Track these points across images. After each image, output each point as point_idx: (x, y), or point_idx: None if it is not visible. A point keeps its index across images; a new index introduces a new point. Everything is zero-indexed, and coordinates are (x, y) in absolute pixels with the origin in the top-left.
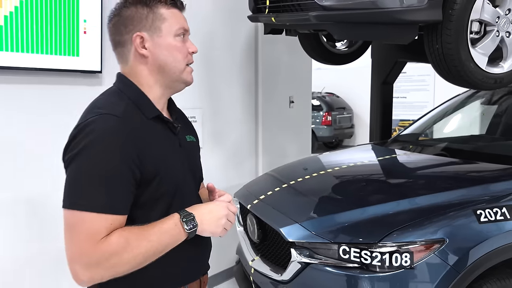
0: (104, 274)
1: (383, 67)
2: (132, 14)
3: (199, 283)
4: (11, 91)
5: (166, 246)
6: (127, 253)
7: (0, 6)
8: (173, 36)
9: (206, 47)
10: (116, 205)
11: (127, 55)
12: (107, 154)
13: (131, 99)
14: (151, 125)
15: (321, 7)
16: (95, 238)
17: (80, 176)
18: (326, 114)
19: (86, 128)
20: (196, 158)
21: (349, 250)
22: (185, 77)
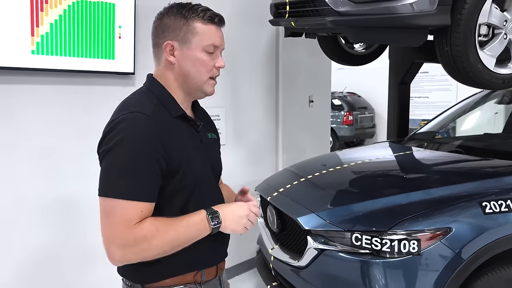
0: (135, 256)
1: (400, 67)
2: (170, 23)
3: (216, 269)
4: (56, 91)
5: (191, 238)
6: (156, 240)
7: (46, 15)
8: (200, 50)
9: (230, 50)
10: (146, 193)
11: (160, 58)
12: (137, 149)
13: (159, 99)
14: (176, 123)
15: (337, 13)
16: (129, 223)
17: (114, 167)
18: (347, 113)
19: (119, 125)
20: (216, 153)
21: (361, 237)
22: (205, 88)
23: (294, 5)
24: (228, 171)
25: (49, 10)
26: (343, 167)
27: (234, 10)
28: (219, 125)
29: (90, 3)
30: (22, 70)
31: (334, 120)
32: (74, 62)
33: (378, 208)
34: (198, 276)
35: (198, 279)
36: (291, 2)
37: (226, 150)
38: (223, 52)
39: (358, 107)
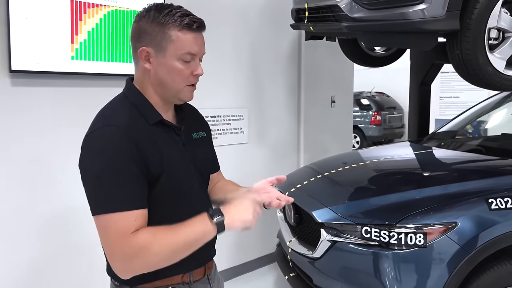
0: (139, 266)
1: (421, 69)
2: (147, 27)
3: (204, 269)
4: (91, 93)
5: (194, 240)
6: (154, 246)
7: (85, 24)
8: (176, 59)
9: (253, 52)
10: (134, 201)
11: (137, 62)
12: (114, 160)
13: (136, 106)
14: (153, 130)
15: (351, 19)
16: (124, 234)
17: (95, 184)
18: (376, 113)
19: (93, 141)
20: (204, 152)
21: (370, 230)
22: (182, 96)
23: (313, 11)
24: (250, 168)
25: (87, 19)
26: (360, 164)
27: (258, 15)
28: (242, 125)
29: (123, 12)
30: (63, 74)
31: (362, 120)
32: (109, 67)
33: (388, 203)
34: (186, 277)
35: (186, 279)
36: (310, 8)
37: (248, 148)
38: (246, 53)
39: (386, 107)
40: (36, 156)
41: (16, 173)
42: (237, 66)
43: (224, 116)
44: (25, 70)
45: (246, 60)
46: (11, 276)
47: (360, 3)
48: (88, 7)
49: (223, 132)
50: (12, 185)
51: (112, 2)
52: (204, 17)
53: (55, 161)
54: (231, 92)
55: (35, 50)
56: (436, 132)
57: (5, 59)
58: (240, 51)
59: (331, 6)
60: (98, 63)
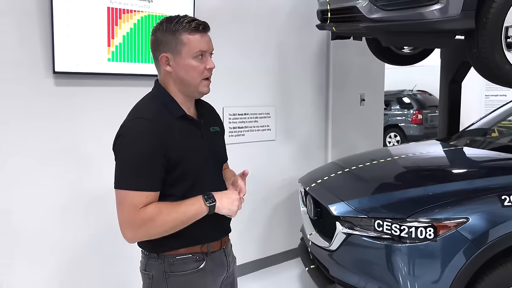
0: (143, 234)
1: (451, 66)
2: (162, 37)
3: (220, 243)
4: (127, 93)
5: (190, 217)
6: (159, 219)
7: (120, 28)
8: (190, 58)
9: (281, 52)
10: (150, 184)
11: (159, 67)
12: (141, 148)
13: (162, 103)
14: (178, 123)
15: (370, 19)
16: (135, 208)
17: (123, 165)
18: (417, 112)
19: (126, 130)
20: (219, 143)
21: (382, 223)
22: (201, 89)
23: (334, 12)
24: (276, 164)
25: (122, 24)
26: (381, 161)
27: (287, 15)
28: (269, 123)
29: (155, 16)
30: (100, 75)
31: (403, 119)
32: (142, 68)
33: (402, 198)
34: (204, 248)
35: (204, 250)
36: (332, 9)
37: (275, 145)
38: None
39: (428, 105)
40: (77, 147)
41: (60, 161)
42: (264, 66)
43: (252, 114)
44: (67, 71)
45: (274, 59)
46: (64, 246)
47: (377, 4)
48: (123, 12)
49: (250, 130)
50: (56, 172)
51: (145, 7)
52: (234, 19)
53: (94, 151)
54: (259, 91)
55: (75, 53)
56: (465, 130)
57: (49, 62)
58: (268, 51)
59: (351, 8)
60: (132, 64)
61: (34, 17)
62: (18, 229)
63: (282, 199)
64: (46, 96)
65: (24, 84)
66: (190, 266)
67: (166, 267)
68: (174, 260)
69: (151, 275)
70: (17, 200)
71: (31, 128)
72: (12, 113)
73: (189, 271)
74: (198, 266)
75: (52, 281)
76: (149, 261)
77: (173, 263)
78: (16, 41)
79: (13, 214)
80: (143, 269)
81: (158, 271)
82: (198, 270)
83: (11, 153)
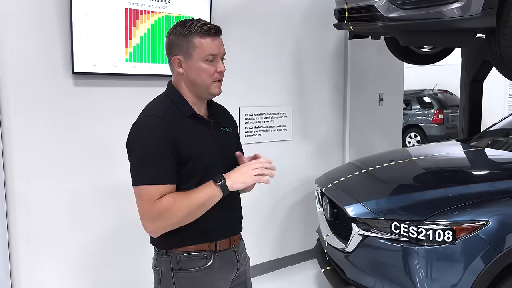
0: (163, 224)
1: (472, 65)
2: (175, 40)
3: (229, 241)
4: (144, 93)
5: (205, 201)
6: (174, 208)
7: (138, 29)
8: (201, 60)
9: (298, 51)
10: (163, 177)
11: (172, 69)
12: (153, 143)
13: (173, 102)
14: (187, 121)
15: (387, 18)
16: (151, 201)
17: (137, 161)
18: (437, 112)
19: (138, 128)
20: (229, 144)
21: (399, 226)
22: (211, 91)
23: (352, 11)
24: (294, 165)
25: (140, 25)
26: (400, 162)
27: (303, 14)
28: (286, 123)
29: (172, 17)
30: (117, 75)
31: (424, 119)
32: (159, 68)
33: (419, 200)
34: (212, 245)
35: (213, 247)
36: (349, 8)
37: (292, 145)
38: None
39: (449, 105)
40: (95, 146)
41: (79, 160)
42: (281, 65)
43: (268, 114)
44: (85, 72)
45: (290, 59)
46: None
47: (395, 3)
48: (141, 13)
49: (267, 129)
50: (74, 170)
51: (162, 8)
52: (250, 18)
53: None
54: (275, 91)
55: (93, 54)
56: (487, 131)
57: (68, 62)
58: (285, 50)
59: (368, 7)
60: (149, 64)
61: (54, 19)
62: (36, 225)
63: (298, 199)
64: (65, 96)
65: (43, 84)
66: (198, 263)
67: (174, 263)
68: (181, 257)
69: (160, 271)
70: (35, 197)
71: (50, 127)
72: (32, 113)
73: (196, 269)
74: (206, 263)
75: (69, 276)
76: (159, 257)
77: (180, 260)
78: (37, 42)
79: (31, 211)
80: (154, 265)
81: (167, 267)
82: (205, 268)
83: (30, 152)
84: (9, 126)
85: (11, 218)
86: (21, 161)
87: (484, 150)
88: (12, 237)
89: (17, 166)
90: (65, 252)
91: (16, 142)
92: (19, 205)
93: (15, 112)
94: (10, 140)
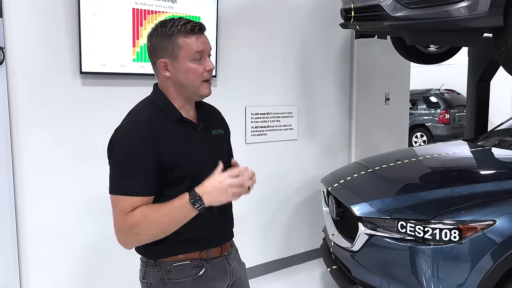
0: (132, 239)
1: (479, 65)
2: (158, 43)
3: (220, 249)
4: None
5: (179, 220)
6: (144, 224)
7: (145, 29)
8: (188, 60)
9: (303, 50)
10: (138, 190)
11: (157, 73)
12: (131, 153)
13: (159, 106)
14: (174, 126)
15: (394, 18)
16: (123, 213)
17: (113, 169)
18: (444, 112)
19: (119, 134)
20: (220, 147)
21: (405, 225)
22: (201, 92)
23: (358, 11)
24: (300, 164)
25: (147, 25)
26: (406, 161)
27: (309, 14)
28: (292, 122)
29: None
30: (125, 75)
31: (430, 119)
32: None
33: (426, 199)
34: (203, 254)
35: (204, 256)
36: (356, 8)
37: (298, 144)
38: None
39: (456, 105)
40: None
41: (86, 160)
42: (287, 65)
43: (274, 113)
44: (93, 71)
45: (297, 58)
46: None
47: (402, 2)
48: (148, 14)
49: (273, 129)
50: (81, 170)
51: (169, 8)
52: (257, 18)
53: None
54: (281, 90)
55: (101, 53)
56: (493, 131)
57: (76, 62)
58: (291, 50)
59: (374, 6)
60: None
61: (62, 19)
62: (45, 225)
63: (304, 198)
64: (73, 95)
65: (52, 84)
66: (189, 273)
67: (164, 274)
68: (171, 267)
69: (149, 283)
70: (43, 197)
71: (59, 127)
72: (41, 112)
73: (187, 278)
74: (198, 272)
75: (76, 275)
76: (147, 268)
77: (170, 271)
78: (45, 43)
79: (40, 211)
80: (141, 278)
81: (156, 279)
82: (198, 277)
83: (38, 151)
84: (18, 126)
85: (20, 218)
86: (29, 160)
87: (491, 150)
88: (21, 236)
89: (26, 165)
90: (73, 251)
91: (25, 141)
92: (28, 205)
93: (24, 112)
94: (19, 139)
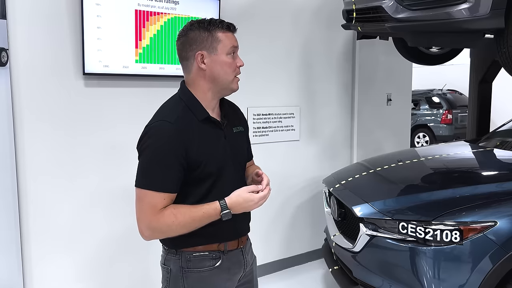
0: (159, 235)
1: (481, 66)
2: (196, 36)
3: (237, 242)
4: (154, 93)
5: (204, 223)
6: (174, 225)
7: (147, 31)
8: (225, 54)
9: (306, 51)
10: (167, 185)
11: (190, 67)
12: (162, 150)
13: (187, 105)
14: (201, 125)
15: (395, 19)
16: (154, 208)
17: (144, 165)
18: (446, 112)
19: (150, 131)
20: (241, 143)
21: (407, 226)
22: (232, 86)
23: (360, 12)
24: (301, 165)
25: (150, 26)
26: (407, 162)
27: (312, 14)
28: (293, 123)
29: (181, 18)
30: (128, 76)
31: (432, 119)
32: (169, 69)
33: (427, 200)
34: (221, 246)
35: (221, 248)
36: (357, 9)
37: (300, 145)
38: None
39: (458, 105)
40: (106, 146)
41: (90, 160)
42: (289, 65)
43: (276, 114)
44: (96, 73)
45: (299, 59)
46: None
47: (403, 3)
48: (150, 15)
49: (274, 130)
50: (85, 170)
51: (172, 10)
52: (259, 19)
53: (123, 151)
54: (283, 91)
55: (104, 55)
56: (495, 132)
57: (79, 63)
58: (293, 51)
59: (376, 7)
60: (159, 65)
61: (65, 21)
62: (48, 224)
63: (306, 199)
64: (76, 96)
65: (55, 85)
66: (207, 263)
67: (184, 263)
68: (191, 257)
69: (169, 269)
70: (46, 196)
71: (62, 127)
72: (44, 113)
73: (205, 269)
74: (214, 264)
75: (80, 273)
76: (168, 256)
77: (190, 260)
78: (48, 44)
79: (43, 210)
80: (162, 263)
81: (176, 266)
82: (214, 268)
83: (42, 152)
84: (22, 127)
85: (24, 217)
86: (33, 160)
87: (492, 151)
88: (24, 235)
89: (29, 165)
90: (76, 250)
91: (28, 142)
92: (31, 205)
93: (27, 112)
94: (23, 140)
